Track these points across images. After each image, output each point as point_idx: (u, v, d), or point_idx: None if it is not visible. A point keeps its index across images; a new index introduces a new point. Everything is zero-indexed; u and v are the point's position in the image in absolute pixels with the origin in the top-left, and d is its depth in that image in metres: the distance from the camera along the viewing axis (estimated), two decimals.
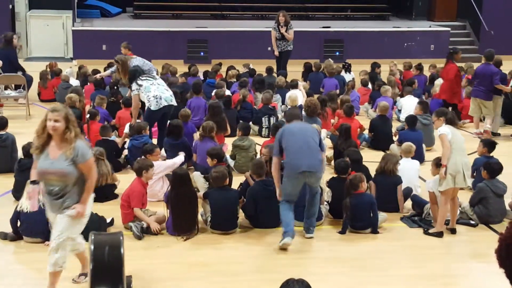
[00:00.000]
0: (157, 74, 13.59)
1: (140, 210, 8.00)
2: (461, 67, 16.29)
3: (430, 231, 8.18)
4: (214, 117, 10.88)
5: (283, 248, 7.59)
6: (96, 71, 14.73)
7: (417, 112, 11.73)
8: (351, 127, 10.56)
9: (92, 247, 5.18)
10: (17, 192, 8.53)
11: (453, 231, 8.23)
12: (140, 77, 10.46)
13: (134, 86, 10.47)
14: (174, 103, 10.58)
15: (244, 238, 8.01)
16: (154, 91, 10.31)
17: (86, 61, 16.47)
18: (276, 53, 16.23)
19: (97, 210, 8.08)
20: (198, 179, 9.00)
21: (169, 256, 7.49)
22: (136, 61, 12.55)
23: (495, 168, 8.70)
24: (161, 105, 10.29)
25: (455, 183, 7.99)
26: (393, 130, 11.75)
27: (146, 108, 10.51)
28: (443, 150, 8.07)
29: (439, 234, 8.11)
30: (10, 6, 19.51)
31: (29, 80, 14.14)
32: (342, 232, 8.13)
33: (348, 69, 16.62)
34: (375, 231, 8.14)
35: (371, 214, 8.13)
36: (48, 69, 15.23)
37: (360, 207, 8.06)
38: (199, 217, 8.18)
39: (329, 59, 17.65)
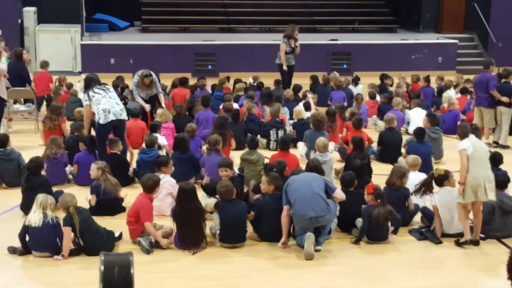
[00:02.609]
0: (164, 90, 13.71)
1: (151, 226, 8.01)
2: (469, 79, 16.33)
3: (461, 241, 8.18)
4: (219, 130, 10.88)
5: (309, 252, 7.68)
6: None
7: (425, 125, 11.70)
8: (363, 139, 10.54)
9: (102, 267, 5.18)
10: (26, 209, 8.52)
11: (475, 243, 8.20)
12: (93, 89, 10.40)
13: (85, 96, 10.49)
14: (124, 117, 10.47)
15: (252, 251, 8.01)
16: (104, 104, 10.23)
17: None
18: (285, 67, 16.18)
19: (105, 224, 8.10)
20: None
21: (177, 270, 7.49)
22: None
23: (500, 180, 8.61)
24: (108, 119, 10.20)
25: (477, 196, 7.97)
26: (403, 142, 11.73)
27: (96, 121, 10.48)
28: (460, 167, 8.12)
29: (476, 242, 8.15)
30: (19, 21, 19.65)
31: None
32: (357, 241, 8.12)
33: (356, 82, 16.61)
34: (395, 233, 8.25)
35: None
36: (57, 83, 15.29)
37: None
38: (207, 231, 8.18)
39: (334, 72, 17.68)
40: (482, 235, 8.41)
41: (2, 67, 11.89)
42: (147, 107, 12.71)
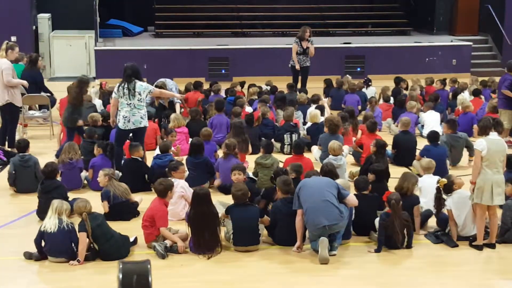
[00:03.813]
0: (179, 92, 13.79)
1: (166, 230, 8.04)
2: (484, 81, 16.24)
3: (473, 243, 8.16)
4: (236, 136, 10.89)
5: (324, 256, 7.67)
6: None
7: (445, 131, 11.60)
8: (386, 144, 10.48)
9: (121, 275, 5.20)
10: (41, 213, 8.57)
11: (491, 246, 8.16)
12: (124, 87, 10.31)
13: (115, 88, 10.46)
14: (145, 124, 10.51)
15: (266, 255, 8.00)
16: (126, 112, 10.30)
17: (108, 80, 16.57)
18: (298, 66, 16.28)
19: (120, 229, 8.13)
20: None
21: (193, 275, 7.50)
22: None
23: None
24: (127, 127, 10.35)
25: (482, 199, 7.92)
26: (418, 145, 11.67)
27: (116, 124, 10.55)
28: (473, 168, 8.13)
29: (479, 247, 8.11)
30: (34, 27, 19.77)
31: (53, 101, 14.27)
32: (378, 250, 8.06)
33: (367, 84, 16.54)
34: (409, 246, 8.15)
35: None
36: None
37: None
38: (222, 235, 8.18)
39: (347, 75, 17.65)
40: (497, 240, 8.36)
41: (12, 81, 11.83)
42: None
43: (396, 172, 9.94)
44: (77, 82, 11.95)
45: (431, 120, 13.07)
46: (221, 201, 8.89)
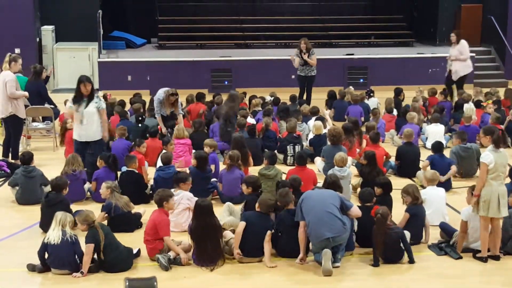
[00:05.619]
0: (181, 106, 13.77)
1: (170, 240, 8.03)
2: (488, 93, 16.23)
3: (478, 255, 8.14)
4: (237, 150, 10.87)
5: (327, 268, 7.65)
6: (122, 102, 14.82)
7: (454, 143, 11.57)
8: (375, 154, 10.51)
9: None
10: (45, 226, 8.56)
11: (496, 258, 8.14)
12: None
13: (101, 99, 10.75)
14: None
15: (270, 267, 7.97)
16: None
17: (111, 92, 16.61)
18: (293, 59, 16.60)
19: (123, 241, 8.11)
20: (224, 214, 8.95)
21: (196, 287, 7.49)
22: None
23: None
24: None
25: (488, 212, 7.89)
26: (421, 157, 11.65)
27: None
28: (478, 180, 8.08)
29: (483, 259, 8.09)
30: (38, 39, 19.85)
31: (56, 112, 14.30)
32: (375, 264, 8.03)
33: (369, 95, 16.53)
34: (411, 261, 8.07)
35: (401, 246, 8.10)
36: None
37: (389, 241, 7.99)
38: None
39: (350, 86, 17.67)
40: (501, 251, 8.33)
41: (16, 93, 11.85)
42: (164, 130, 12.78)
43: (400, 184, 9.93)
44: (230, 97, 12.86)
45: (436, 132, 13.06)
46: (230, 206, 8.91)
